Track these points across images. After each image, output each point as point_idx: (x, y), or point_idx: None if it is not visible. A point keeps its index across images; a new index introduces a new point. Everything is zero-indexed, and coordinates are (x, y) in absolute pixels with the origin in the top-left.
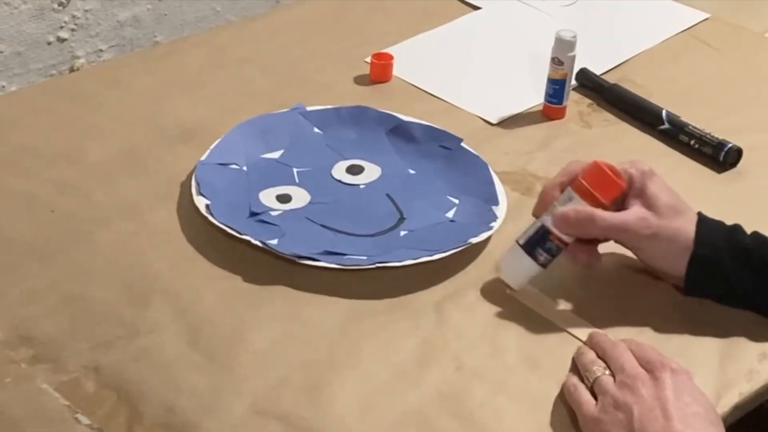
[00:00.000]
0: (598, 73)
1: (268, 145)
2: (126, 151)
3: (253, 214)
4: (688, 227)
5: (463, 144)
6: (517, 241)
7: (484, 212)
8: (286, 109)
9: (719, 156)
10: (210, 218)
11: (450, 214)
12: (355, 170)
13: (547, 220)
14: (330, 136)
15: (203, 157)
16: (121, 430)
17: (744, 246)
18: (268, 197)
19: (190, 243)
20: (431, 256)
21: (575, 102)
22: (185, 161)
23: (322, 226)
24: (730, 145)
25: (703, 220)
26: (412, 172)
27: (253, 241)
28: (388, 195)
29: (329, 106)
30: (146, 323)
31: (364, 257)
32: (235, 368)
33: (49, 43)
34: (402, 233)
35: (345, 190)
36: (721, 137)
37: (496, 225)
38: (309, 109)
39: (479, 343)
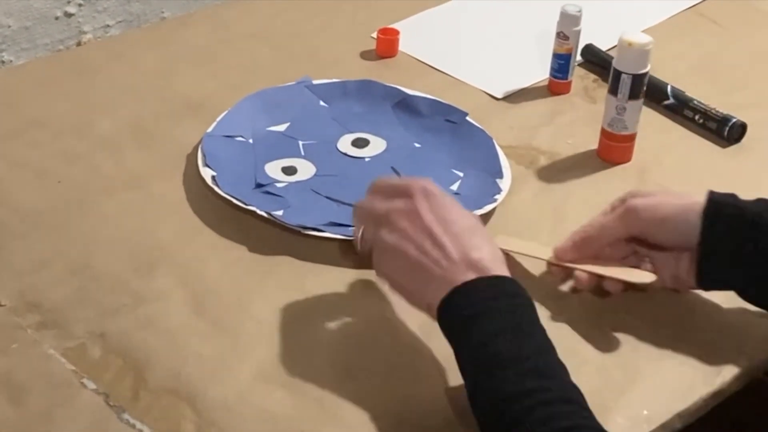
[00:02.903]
0: (603, 48)
1: (274, 118)
2: (133, 123)
3: (258, 186)
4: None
5: (468, 118)
6: None
7: (488, 185)
8: (292, 83)
9: (724, 131)
10: (216, 189)
11: (455, 187)
12: (360, 143)
13: None
14: (336, 109)
15: (209, 129)
16: (127, 395)
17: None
18: (273, 169)
19: (196, 214)
20: None
21: (580, 77)
22: (192, 134)
23: (327, 198)
24: (734, 119)
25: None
26: (417, 145)
27: (259, 211)
28: (393, 168)
29: (335, 80)
30: (152, 291)
31: None
32: (240, 336)
33: (57, 18)
34: None
35: (350, 163)
36: (725, 112)
37: (500, 197)
38: (315, 82)
39: None
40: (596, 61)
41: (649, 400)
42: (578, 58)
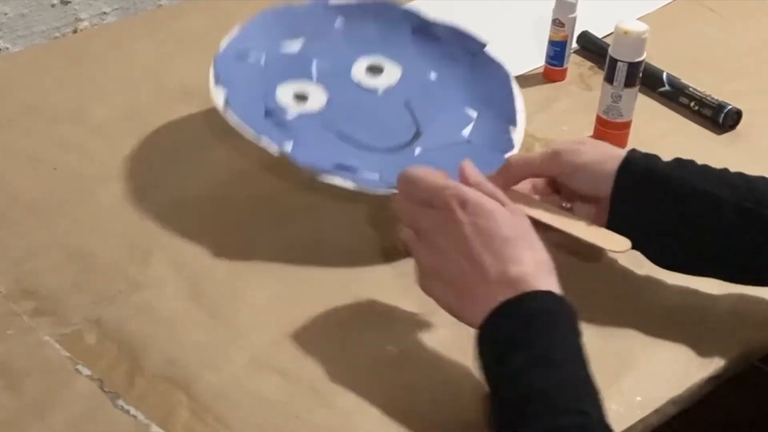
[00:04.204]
0: (599, 36)
1: (288, 36)
2: (129, 111)
3: (268, 114)
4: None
5: (486, 50)
6: None
7: (500, 134)
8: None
9: (719, 118)
10: (228, 116)
11: (466, 132)
12: (375, 70)
13: None
14: (352, 30)
15: (221, 49)
16: (122, 382)
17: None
18: (285, 94)
19: (192, 200)
20: None
21: (576, 64)
22: (187, 121)
23: (336, 134)
24: (729, 107)
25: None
26: (432, 76)
27: (271, 146)
28: (406, 104)
29: (353, 0)
30: (147, 278)
31: (377, 175)
32: (235, 323)
33: (53, 6)
34: (417, 151)
35: (363, 94)
36: (720, 99)
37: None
38: (332, 3)
39: None
40: (592, 48)
41: (643, 386)
42: (574, 45)
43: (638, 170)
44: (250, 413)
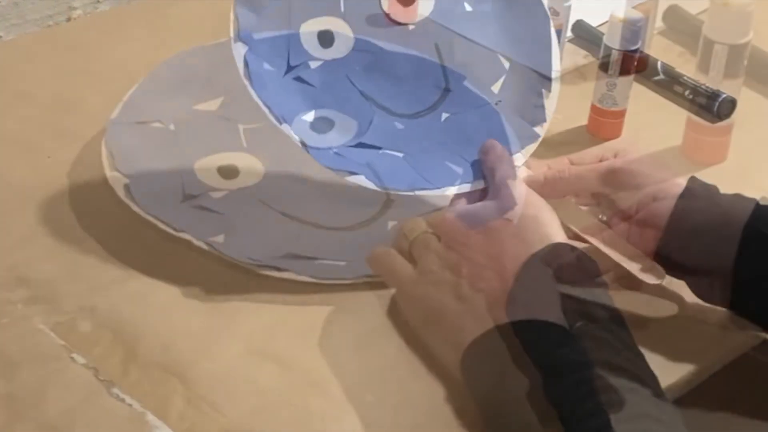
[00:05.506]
0: (594, 25)
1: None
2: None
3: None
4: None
5: None
6: None
7: (530, 104)
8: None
9: (713, 106)
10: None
11: (496, 88)
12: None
13: None
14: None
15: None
16: (117, 370)
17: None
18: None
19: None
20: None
21: (571, 53)
22: (183, 110)
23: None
24: (724, 95)
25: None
26: (468, 9)
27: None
28: (436, 45)
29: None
30: (142, 266)
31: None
32: (229, 310)
33: None
34: (443, 116)
35: (392, 32)
36: (715, 88)
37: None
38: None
39: None
40: (587, 37)
41: None
42: (568, 34)
43: (699, 205)
44: (245, 401)
